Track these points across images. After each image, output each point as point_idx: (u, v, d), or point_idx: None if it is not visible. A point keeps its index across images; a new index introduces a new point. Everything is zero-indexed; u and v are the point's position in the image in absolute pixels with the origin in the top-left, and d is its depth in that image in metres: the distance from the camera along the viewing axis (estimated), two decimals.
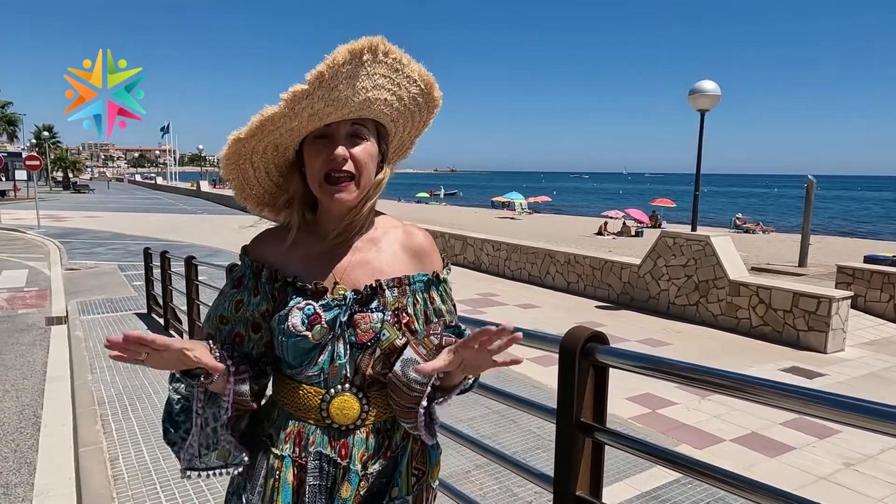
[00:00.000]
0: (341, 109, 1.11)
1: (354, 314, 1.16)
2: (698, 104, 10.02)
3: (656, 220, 32.00)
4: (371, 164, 1.19)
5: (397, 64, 1.13)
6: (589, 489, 1.49)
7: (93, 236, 19.18)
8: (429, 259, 1.26)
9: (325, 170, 1.15)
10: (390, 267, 1.22)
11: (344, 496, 1.17)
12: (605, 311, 9.67)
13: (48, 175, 59.55)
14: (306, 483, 1.17)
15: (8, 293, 10.18)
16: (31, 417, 4.80)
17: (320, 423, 1.18)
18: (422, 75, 1.17)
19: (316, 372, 1.18)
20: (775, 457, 4.41)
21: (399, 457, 1.23)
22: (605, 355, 1.43)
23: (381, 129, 1.22)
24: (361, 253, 1.23)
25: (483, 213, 41.64)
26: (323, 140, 1.15)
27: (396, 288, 1.20)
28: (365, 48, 1.07)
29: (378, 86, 1.12)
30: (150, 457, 3.60)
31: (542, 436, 4.34)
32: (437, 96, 1.22)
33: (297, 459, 1.18)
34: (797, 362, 6.95)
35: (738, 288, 8.40)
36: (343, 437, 1.18)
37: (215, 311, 1.26)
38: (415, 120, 1.25)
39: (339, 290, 1.18)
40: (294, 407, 1.20)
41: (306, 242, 1.24)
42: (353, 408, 1.17)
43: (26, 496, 3.54)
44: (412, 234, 1.28)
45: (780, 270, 14.28)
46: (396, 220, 1.31)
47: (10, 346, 6.96)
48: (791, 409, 1.15)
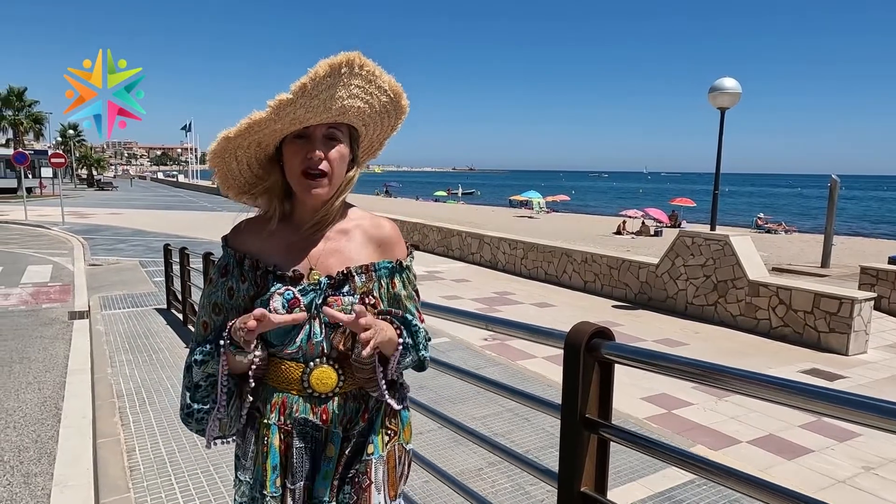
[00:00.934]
0: (320, 115, 1.25)
1: (328, 297, 1.30)
2: (718, 102, 9.88)
3: (676, 220, 31.66)
4: (343, 164, 1.33)
5: (371, 76, 1.27)
6: (594, 485, 1.48)
7: (115, 233, 19.51)
8: (393, 248, 1.40)
9: (303, 167, 1.29)
10: (359, 255, 1.36)
11: (329, 455, 1.32)
12: (622, 311, 9.60)
13: (73, 172, 60.65)
14: (293, 447, 1.31)
15: (33, 288, 10.39)
16: (52, 409, 4.90)
17: (302, 392, 1.31)
18: (391, 86, 1.31)
19: (295, 350, 1.31)
20: (793, 459, 4.35)
21: (374, 418, 1.37)
22: (610, 351, 1.42)
23: (353, 132, 1.36)
24: (333, 242, 1.36)
25: (501, 212, 41.53)
26: (301, 140, 1.29)
27: (364, 274, 1.34)
28: (343, 63, 1.21)
29: (353, 95, 1.26)
30: (165, 449, 3.65)
31: (554, 434, 4.32)
32: (404, 105, 1.37)
33: (283, 426, 1.31)
34: (818, 364, 6.83)
35: (758, 288, 8.28)
36: (323, 404, 1.32)
37: (208, 300, 1.38)
38: (384, 124, 1.40)
39: (314, 276, 1.32)
40: (277, 381, 1.33)
41: (283, 233, 1.37)
42: (331, 377, 1.31)
43: (45, 485, 3.62)
44: (379, 226, 1.41)
45: (801, 271, 14.05)
46: (366, 212, 1.45)
47: (34, 340, 7.11)
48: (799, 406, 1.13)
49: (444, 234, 15.47)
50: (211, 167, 1.37)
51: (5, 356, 6.41)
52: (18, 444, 4.20)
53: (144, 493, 3.10)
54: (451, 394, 5.03)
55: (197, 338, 1.38)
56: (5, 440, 4.27)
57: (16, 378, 5.69)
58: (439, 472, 2.26)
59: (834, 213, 14.19)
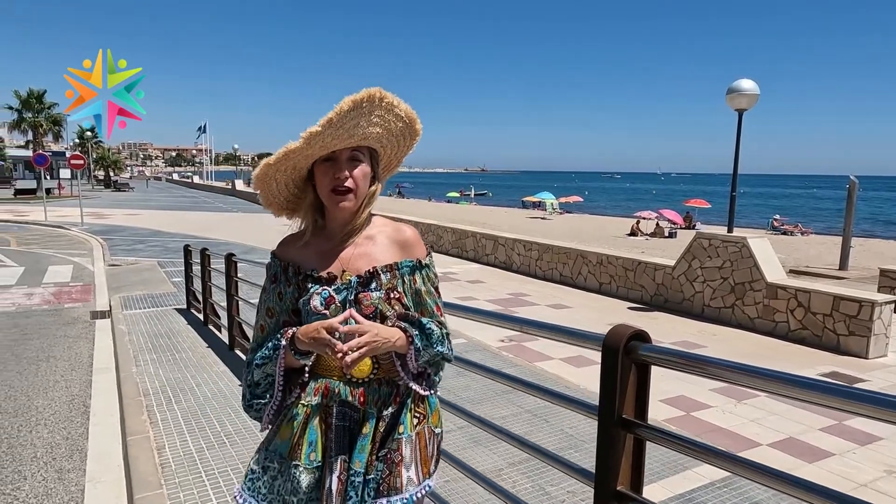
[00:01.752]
0: (344, 141, 1.47)
1: (359, 294, 1.50)
2: (736, 104, 9.84)
3: (690, 221, 31.48)
4: (366, 181, 1.56)
5: (388, 105, 1.48)
6: (629, 484, 1.52)
7: (133, 233, 19.75)
8: (414, 249, 1.60)
9: (332, 185, 1.51)
10: (384, 256, 1.56)
11: (365, 432, 1.49)
12: (637, 313, 9.60)
13: (90, 174, 61.38)
14: (332, 425, 1.49)
15: (55, 287, 10.58)
16: (81, 407, 5.01)
17: (342, 378, 1.52)
18: (407, 113, 1.53)
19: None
20: (814, 462, 4.34)
21: (404, 402, 1.55)
22: (647, 353, 1.46)
23: (373, 153, 1.58)
24: (362, 247, 1.57)
25: (514, 213, 41.50)
26: (329, 162, 1.52)
27: (389, 272, 1.54)
28: (364, 98, 1.42)
29: (373, 123, 1.48)
30: (194, 447, 3.73)
31: (573, 435, 4.35)
32: (417, 128, 1.59)
33: (325, 407, 1.51)
34: (837, 367, 6.80)
35: (776, 291, 8.24)
36: (360, 388, 1.52)
37: (263, 306, 1.62)
38: (400, 145, 1.62)
39: (345, 277, 1.53)
40: (321, 368, 1.54)
41: (318, 242, 1.59)
42: (367, 364, 1.51)
43: (79, 481, 3.71)
44: (401, 230, 1.62)
45: (819, 273, 13.94)
46: (389, 220, 1.66)
47: (59, 339, 7.25)
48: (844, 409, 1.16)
49: (459, 236, 15.52)
50: (255, 189, 1.60)
51: (32, 355, 6.55)
52: (50, 441, 4.31)
53: (177, 489, 3.17)
54: (469, 395, 5.07)
55: (256, 338, 1.61)
56: (37, 437, 4.38)
57: (43, 376, 5.81)
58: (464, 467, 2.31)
59: (852, 215, 14.07)
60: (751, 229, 29.74)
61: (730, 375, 1.33)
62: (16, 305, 9.09)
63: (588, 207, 50.35)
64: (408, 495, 1.49)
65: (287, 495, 1.48)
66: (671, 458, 3.91)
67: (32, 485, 3.65)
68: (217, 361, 5.82)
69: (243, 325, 6.19)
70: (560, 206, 43.04)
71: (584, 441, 4.23)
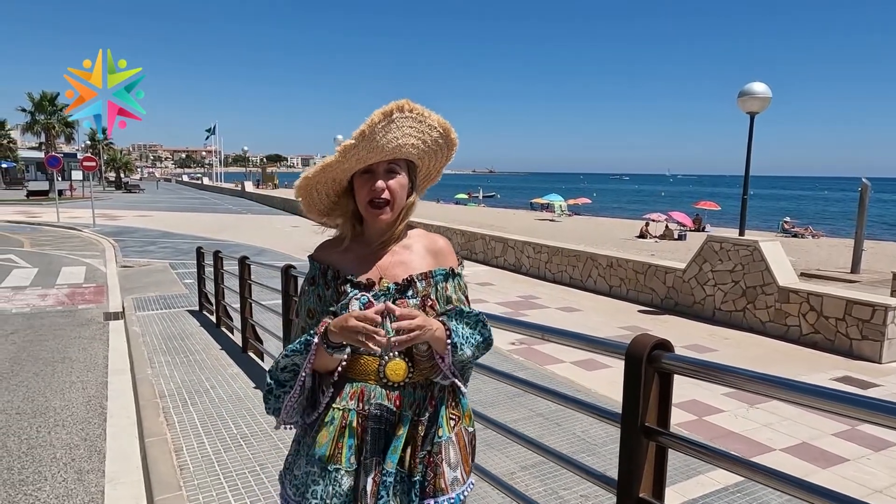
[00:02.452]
0: (379, 154, 1.51)
1: (396, 301, 1.54)
2: (748, 107, 9.81)
3: (700, 224, 31.35)
4: (403, 192, 1.60)
5: (420, 117, 1.53)
6: (652, 492, 1.54)
7: (144, 234, 19.90)
8: (446, 258, 1.66)
9: (369, 197, 1.56)
10: (419, 264, 1.61)
11: (398, 434, 1.52)
12: (648, 316, 9.58)
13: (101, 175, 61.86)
14: (368, 428, 1.52)
15: (68, 289, 10.68)
16: (98, 408, 5.07)
17: (378, 382, 1.55)
18: (440, 123, 1.57)
19: None
20: (827, 468, 4.33)
21: (439, 405, 1.59)
22: (670, 361, 1.48)
23: (410, 165, 1.63)
24: (398, 255, 1.63)
25: (522, 215, 41.47)
26: (367, 174, 1.56)
27: (424, 280, 1.59)
28: (393, 109, 1.48)
29: (406, 134, 1.52)
30: (211, 449, 3.77)
31: (586, 439, 4.36)
32: (453, 138, 1.63)
33: (361, 411, 1.54)
34: (850, 372, 6.77)
35: (788, 294, 8.21)
36: (396, 391, 1.55)
37: (304, 308, 1.66)
38: (438, 157, 1.67)
39: (383, 284, 1.57)
40: (356, 372, 1.56)
41: (357, 249, 1.64)
42: (402, 368, 1.55)
43: (98, 482, 3.76)
44: (435, 240, 1.69)
45: (831, 276, 13.86)
46: (424, 231, 1.71)
47: (74, 340, 7.33)
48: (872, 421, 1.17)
49: (468, 238, 15.54)
50: (296, 197, 1.66)
51: (48, 356, 6.63)
52: (69, 442, 4.36)
53: (196, 490, 3.21)
54: (481, 398, 5.09)
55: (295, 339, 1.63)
56: (56, 438, 4.44)
57: (59, 377, 5.88)
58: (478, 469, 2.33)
59: (865, 218, 13.98)
60: (761, 232, 29.59)
61: (753, 386, 1.34)
62: (30, 306, 9.19)
63: (597, 209, 50.23)
64: (454, 495, 1.55)
65: (328, 499, 1.51)
66: (684, 463, 3.91)
67: (53, 485, 3.71)
68: (231, 363, 5.87)
69: (256, 327, 6.24)
70: (569, 208, 42.95)
71: (597, 445, 4.24)
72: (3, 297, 9.89)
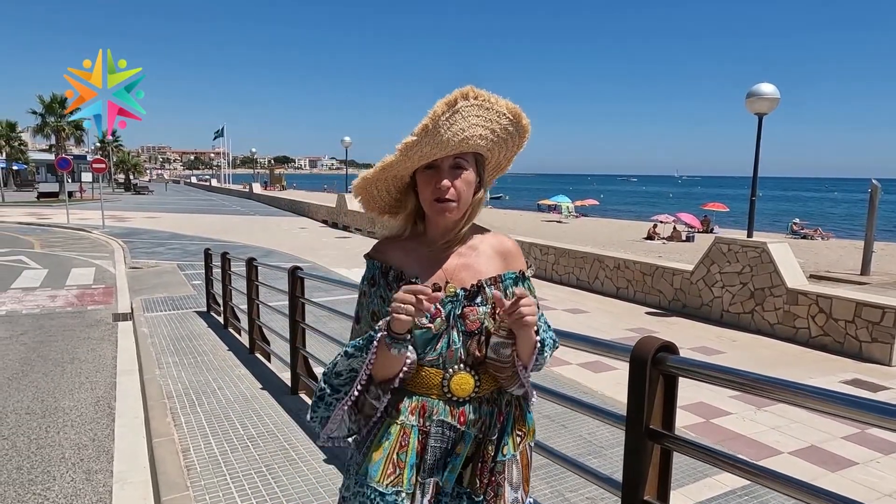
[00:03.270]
0: (444, 149, 1.37)
1: (464, 308, 1.42)
2: (756, 108, 9.77)
3: (708, 225, 31.20)
4: (469, 189, 1.45)
5: (486, 103, 1.37)
6: (657, 494, 1.53)
7: (153, 236, 20.02)
8: (516, 260, 1.54)
9: (434, 196, 1.42)
10: (487, 268, 1.48)
11: (458, 452, 1.42)
12: (655, 318, 9.54)
13: (111, 177, 62.30)
14: (429, 446, 1.42)
15: (78, 290, 10.76)
16: (106, 409, 5.10)
17: (442, 396, 1.43)
18: (509, 108, 1.41)
19: (435, 356, 1.43)
20: (837, 471, 4.30)
21: (506, 421, 1.47)
22: (675, 364, 1.47)
23: (478, 158, 1.47)
24: (465, 258, 1.49)
25: (529, 217, 41.42)
26: (431, 170, 1.43)
27: (493, 285, 1.46)
28: (458, 97, 1.34)
29: (473, 125, 1.37)
30: (218, 449, 3.79)
31: (592, 442, 4.35)
32: (525, 124, 1.45)
33: (422, 428, 1.43)
34: (859, 374, 6.72)
35: (797, 296, 8.16)
36: (461, 407, 1.43)
37: (367, 310, 1.52)
38: (508, 145, 1.50)
39: (450, 289, 1.44)
40: (417, 386, 1.44)
41: (419, 249, 1.51)
42: (469, 382, 1.43)
43: (106, 482, 3.79)
44: (503, 242, 1.55)
45: (840, 278, 13.76)
46: (490, 230, 1.58)
47: (83, 341, 7.38)
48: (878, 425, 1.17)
49: None
50: (355, 196, 1.54)
51: (57, 356, 6.68)
52: (77, 442, 4.39)
53: (202, 491, 3.23)
54: None
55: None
56: (65, 438, 4.47)
57: (69, 378, 5.92)
58: None
59: (875, 219, 13.87)
60: (770, 233, 29.39)
61: (757, 389, 1.34)
62: (40, 307, 9.26)
63: (604, 211, 50.10)
64: None
65: None
66: (691, 466, 3.89)
67: (62, 485, 3.74)
68: (238, 364, 5.90)
69: (263, 328, 6.26)
70: (576, 210, 42.86)
71: (604, 447, 4.23)
72: (14, 298, 9.98)
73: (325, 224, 27.46)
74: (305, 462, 3.59)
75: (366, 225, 22.95)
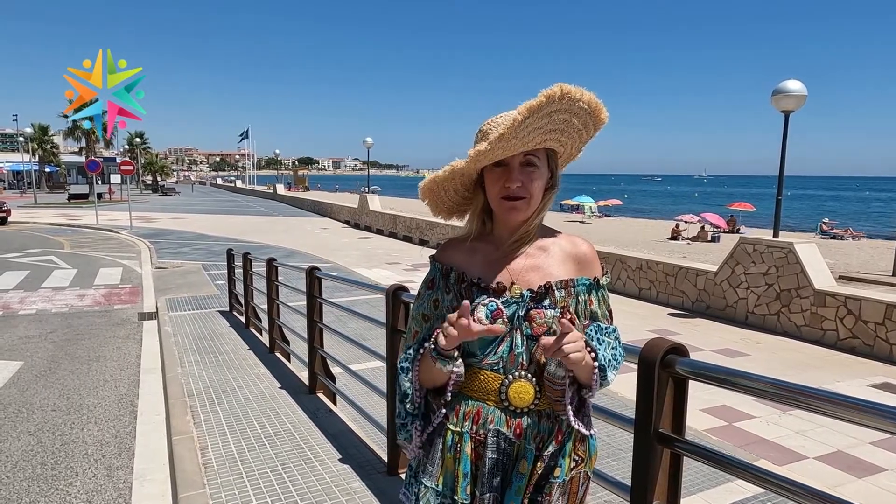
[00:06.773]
0: (517, 148, 1.30)
1: (530, 310, 1.34)
2: (782, 105, 9.56)
3: (734, 225, 30.67)
4: (540, 187, 1.38)
5: (571, 102, 1.25)
6: (666, 499, 1.50)
7: (179, 237, 20.35)
8: (591, 266, 1.43)
9: (503, 193, 1.35)
10: (558, 271, 1.39)
11: (522, 471, 1.33)
12: (678, 319, 9.40)
13: (139, 179, 63.54)
14: (485, 457, 1.34)
15: (105, 289, 10.98)
16: (129, 406, 5.19)
17: (498, 404, 1.35)
18: (591, 103, 1.29)
19: (496, 360, 1.35)
20: (863, 478, 4.19)
21: (565, 440, 1.36)
22: (684, 367, 1.44)
23: (550, 153, 1.40)
24: (533, 258, 1.40)
25: (552, 217, 41.00)
26: (501, 167, 1.36)
27: (564, 289, 1.37)
28: (543, 103, 1.21)
29: (553, 121, 1.28)
30: (235, 448, 3.82)
31: (611, 444, 4.29)
32: (603, 117, 1.34)
33: (475, 435, 1.35)
34: (889, 378, 6.53)
35: (825, 298, 7.97)
36: (518, 418, 1.34)
37: (418, 311, 1.48)
38: (582, 138, 1.41)
39: (515, 290, 1.35)
40: (474, 389, 1.37)
41: (485, 249, 1.43)
42: (529, 392, 1.34)
43: (126, 479, 3.85)
44: (577, 244, 1.45)
45: (871, 280, 13.41)
46: (562, 232, 1.49)
47: (109, 339, 7.52)
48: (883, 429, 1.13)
49: None
50: (422, 199, 1.48)
51: (83, 354, 6.82)
52: (100, 439, 4.48)
53: (219, 489, 3.25)
54: None
55: (406, 343, 1.48)
56: (88, 435, 4.56)
57: (94, 376, 6.04)
58: None
59: None
60: (799, 233, 28.79)
61: (771, 392, 1.30)
62: (69, 306, 9.47)
63: (628, 211, 49.60)
64: None
65: None
66: (712, 469, 3.82)
67: (84, 481, 3.81)
68: (258, 363, 5.95)
69: (283, 328, 6.32)
70: (599, 210, 42.49)
71: (623, 450, 4.17)
72: (45, 297, 10.22)
73: (348, 225, 27.63)
74: (321, 461, 3.61)
75: (387, 226, 23.02)
